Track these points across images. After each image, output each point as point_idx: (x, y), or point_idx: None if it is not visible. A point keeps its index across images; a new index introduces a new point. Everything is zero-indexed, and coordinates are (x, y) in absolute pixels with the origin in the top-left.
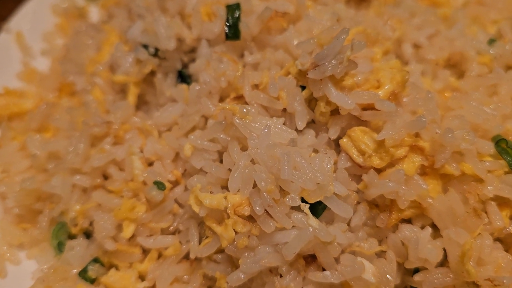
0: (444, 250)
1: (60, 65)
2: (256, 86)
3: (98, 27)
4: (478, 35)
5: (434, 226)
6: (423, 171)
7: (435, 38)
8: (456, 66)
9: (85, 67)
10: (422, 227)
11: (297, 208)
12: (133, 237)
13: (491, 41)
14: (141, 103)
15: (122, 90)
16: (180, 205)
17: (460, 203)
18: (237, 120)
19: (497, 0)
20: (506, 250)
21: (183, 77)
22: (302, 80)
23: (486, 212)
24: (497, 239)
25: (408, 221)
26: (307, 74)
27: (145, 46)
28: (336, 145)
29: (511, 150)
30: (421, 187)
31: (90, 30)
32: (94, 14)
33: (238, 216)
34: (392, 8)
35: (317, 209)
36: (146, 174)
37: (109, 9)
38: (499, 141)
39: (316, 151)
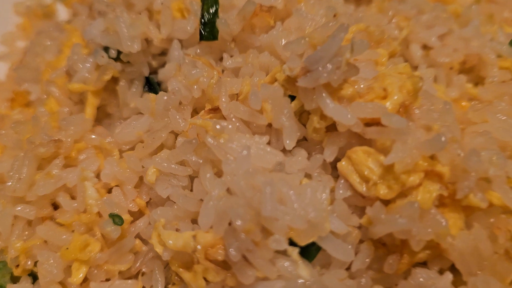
0: None
1: (15, 71)
2: (235, 96)
3: (62, 27)
4: (498, 35)
5: (454, 270)
6: (441, 202)
7: (448, 38)
8: (473, 71)
9: (41, 73)
10: (440, 272)
11: (284, 253)
12: (85, 281)
13: None
14: (103, 116)
15: (81, 101)
16: (144, 242)
17: (487, 241)
18: (209, 139)
19: None
20: None
21: (152, 85)
22: (291, 89)
23: None
24: None
25: (423, 263)
26: (296, 81)
27: (106, 49)
28: (333, 169)
29: None
30: (439, 224)
31: (53, 30)
32: (63, 12)
33: (210, 261)
34: (397, 4)
35: (310, 250)
36: (101, 204)
37: (73, 6)
38: None
39: (308, 176)
